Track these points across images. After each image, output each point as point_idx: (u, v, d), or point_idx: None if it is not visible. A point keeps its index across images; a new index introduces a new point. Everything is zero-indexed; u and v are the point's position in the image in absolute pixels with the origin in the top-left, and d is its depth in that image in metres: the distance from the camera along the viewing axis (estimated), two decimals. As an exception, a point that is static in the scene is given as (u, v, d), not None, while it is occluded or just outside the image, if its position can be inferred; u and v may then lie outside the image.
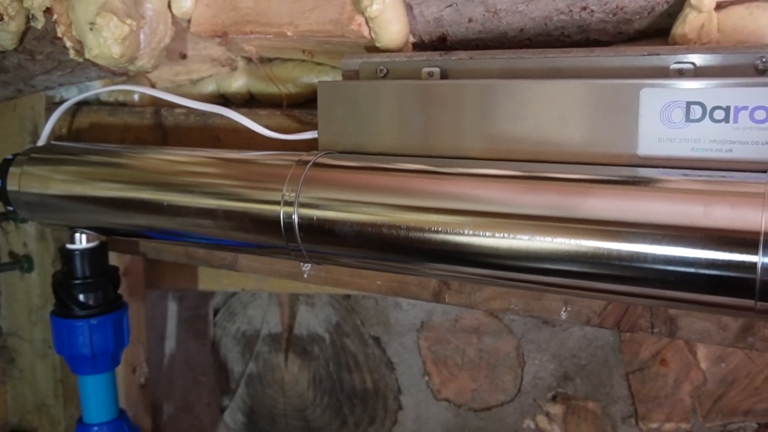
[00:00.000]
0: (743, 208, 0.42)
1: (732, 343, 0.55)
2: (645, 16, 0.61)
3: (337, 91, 0.62)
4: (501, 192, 0.49)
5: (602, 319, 0.59)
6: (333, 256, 0.57)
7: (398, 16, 0.66)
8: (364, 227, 0.53)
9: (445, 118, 0.58)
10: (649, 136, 0.50)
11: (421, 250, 0.51)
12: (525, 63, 0.58)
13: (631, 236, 0.44)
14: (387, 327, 0.97)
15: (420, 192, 0.52)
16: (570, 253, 0.46)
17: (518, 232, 0.47)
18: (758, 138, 0.47)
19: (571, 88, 0.53)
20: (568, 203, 0.46)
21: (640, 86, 0.50)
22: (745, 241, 0.41)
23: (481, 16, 0.66)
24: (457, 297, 0.65)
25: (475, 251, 0.49)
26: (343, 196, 0.55)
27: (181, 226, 0.63)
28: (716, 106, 0.48)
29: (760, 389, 0.71)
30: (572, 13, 0.62)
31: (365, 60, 0.65)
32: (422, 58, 0.62)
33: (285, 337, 1.08)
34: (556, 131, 0.53)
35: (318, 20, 0.70)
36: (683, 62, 0.52)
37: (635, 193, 0.45)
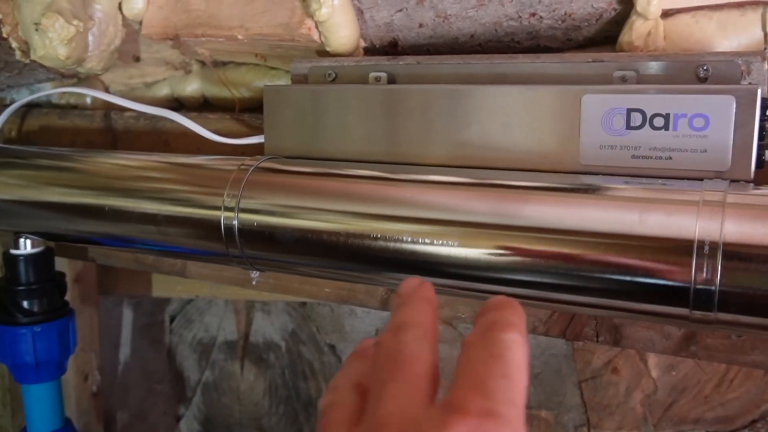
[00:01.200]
0: (678, 216, 0.41)
1: (675, 352, 0.54)
2: (593, 23, 0.61)
3: (283, 95, 0.62)
4: (440, 199, 0.48)
5: (548, 327, 0.58)
6: (275, 263, 0.56)
7: (348, 20, 0.65)
8: (305, 233, 0.52)
9: (391, 123, 0.57)
10: (590, 142, 0.49)
11: (361, 257, 0.50)
12: (472, 68, 0.57)
13: (567, 244, 0.44)
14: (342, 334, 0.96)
15: (360, 198, 0.51)
16: (509, 260, 0.45)
17: (457, 239, 0.47)
18: (697, 146, 0.46)
19: (514, 93, 0.52)
20: (506, 210, 0.46)
21: (582, 92, 0.50)
22: (679, 248, 0.41)
23: (431, 21, 0.65)
24: (405, 305, 0.64)
25: (414, 259, 0.48)
26: (285, 202, 0.54)
27: (123, 232, 0.62)
28: (656, 113, 0.47)
29: (710, 397, 0.71)
30: (521, 20, 0.62)
31: (314, 64, 0.64)
32: (370, 63, 0.61)
33: (241, 344, 1.07)
34: (500, 137, 0.53)
35: (268, 24, 0.69)
36: (626, 69, 0.51)
37: (573, 200, 0.45)
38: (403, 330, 0.31)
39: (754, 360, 0.52)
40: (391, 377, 0.29)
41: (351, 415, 0.31)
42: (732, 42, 0.57)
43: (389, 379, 0.29)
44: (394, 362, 0.30)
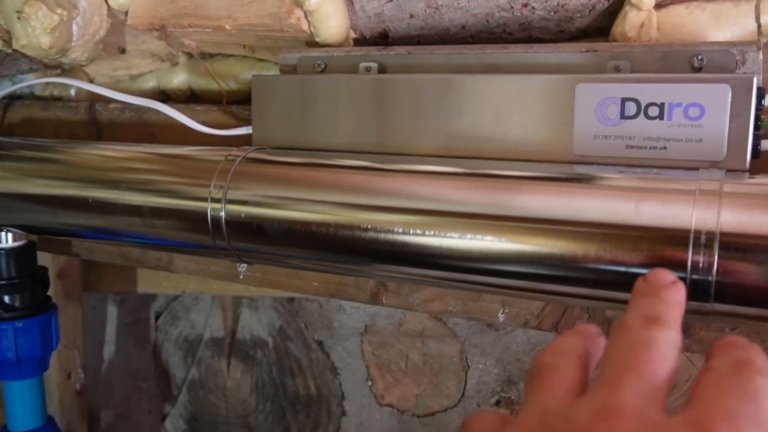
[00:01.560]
0: (674, 205, 0.41)
1: (668, 346, 0.54)
2: (586, 14, 0.60)
3: (271, 85, 0.60)
4: (431, 189, 0.47)
5: (540, 320, 0.58)
6: (262, 255, 0.55)
7: (338, 10, 0.65)
8: (294, 225, 0.51)
9: (382, 113, 0.56)
10: (584, 132, 0.49)
11: (351, 248, 0.49)
12: (463, 58, 0.57)
13: (561, 234, 0.43)
14: (331, 331, 0.95)
15: (349, 189, 0.50)
16: (501, 251, 0.45)
17: (449, 229, 0.46)
18: (692, 135, 0.46)
19: (506, 83, 0.52)
20: (498, 201, 0.45)
21: (576, 82, 0.49)
22: (676, 239, 0.40)
23: (422, 11, 0.64)
24: (394, 299, 0.63)
25: (405, 250, 0.47)
26: (273, 193, 0.53)
27: (107, 224, 0.61)
28: (651, 102, 0.47)
29: (701, 393, 0.71)
30: (513, 10, 0.61)
31: (303, 55, 0.63)
32: (360, 53, 0.60)
33: (228, 341, 1.05)
34: (492, 127, 0.52)
35: (256, 14, 0.68)
36: (620, 59, 0.51)
37: (566, 190, 0.44)
38: (656, 325, 0.30)
39: (747, 353, 0.51)
40: (636, 368, 0.28)
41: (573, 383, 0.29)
42: (725, 33, 0.57)
43: (632, 368, 0.28)
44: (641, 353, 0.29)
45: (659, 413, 0.27)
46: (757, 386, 0.27)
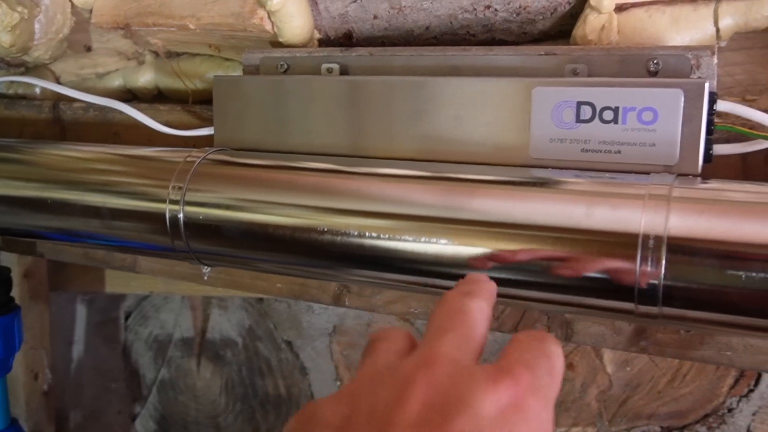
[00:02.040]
0: (624, 209, 0.41)
1: (625, 347, 0.54)
2: (548, 16, 0.60)
3: (233, 86, 0.60)
4: (387, 192, 0.47)
5: (500, 323, 0.58)
6: (222, 258, 0.55)
7: (301, 10, 0.64)
8: (252, 227, 0.51)
9: (343, 115, 0.56)
10: (540, 135, 0.49)
11: (308, 251, 0.49)
12: (425, 60, 0.57)
13: (514, 238, 0.43)
14: (300, 331, 0.95)
15: (306, 191, 0.50)
16: (456, 255, 0.45)
17: (404, 233, 0.46)
18: (646, 139, 0.46)
19: (465, 86, 0.52)
20: (454, 204, 0.45)
21: (533, 85, 0.49)
22: (625, 242, 0.40)
23: (386, 12, 0.64)
24: (357, 300, 0.63)
25: (361, 252, 0.47)
26: (231, 195, 0.52)
27: (67, 225, 0.60)
28: (606, 106, 0.47)
29: (663, 393, 0.72)
30: (476, 12, 0.61)
31: (266, 55, 0.63)
32: (323, 54, 0.60)
33: (197, 341, 1.05)
34: (451, 130, 0.52)
35: (220, 13, 0.67)
36: (578, 62, 0.51)
37: (520, 194, 0.44)
38: (471, 297, 0.35)
39: (702, 355, 0.52)
40: (452, 328, 0.33)
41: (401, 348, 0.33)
42: (684, 37, 0.57)
43: (449, 328, 0.33)
44: (457, 317, 0.34)
45: (472, 362, 0.32)
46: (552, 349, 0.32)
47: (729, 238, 0.38)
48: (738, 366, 0.51)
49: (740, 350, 0.51)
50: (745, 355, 0.51)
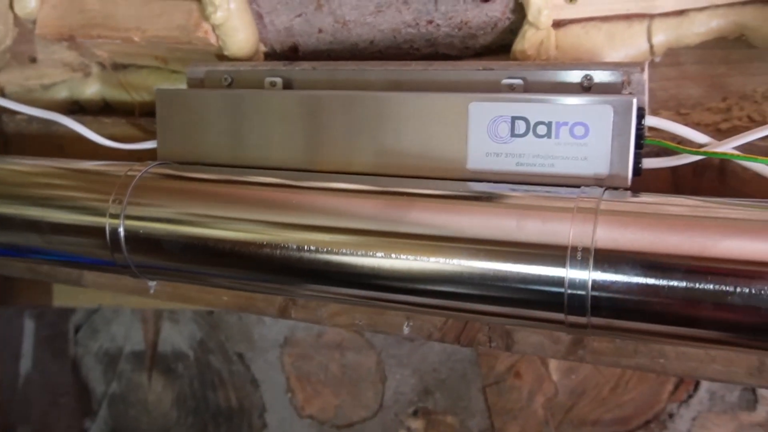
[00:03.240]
0: (553, 222, 0.42)
1: (564, 357, 0.55)
2: (489, 31, 0.61)
3: (176, 99, 0.60)
4: (326, 205, 0.48)
5: (443, 333, 0.58)
6: (162, 272, 0.55)
7: (245, 24, 0.65)
8: (191, 241, 0.51)
9: (285, 129, 0.56)
10: (477, 150, 0.50)
11: (248, 265, 0.49)
12: (367, 75, 0.57)
13: (448, 251, 0.44)
14: (251, 343, 0.94)
15: (246, 205, 0.50)
16: (390, 268, 0.45)
17: (341, 246, 0.46)
18: (577, 153, 0.47)
19: (405, 100, 0.52)
20: (389, 218, 0.46)
21: (469, 100, 0.50)
22: (554, 255, 0.41)
23: (330, 26, 0.65)
24: (303, 312, 0.63)
25: (300, 266, 0.48)
26: (172, 209, 0.52)
27: (7, 240, 0.59)
28: (539, 121, 0.48)
29: (607, 400, 0.73)
30: (419, 27, 0.62)
31: (210, 68, 0.63)
32: (266, 68, 0.61)
33: (149, 354, 1.04)
34: (392, 144, 0.53)
35: (165, 26, 0.67)
36: (514, 77, 0.52)
37: (454, 207, 0.45)
38: None
39: (637, 363, 0.53)
40: None
41: None
42: (620, 53, 0.59)
43: None
44: None
45: None
46: None
47: (653, 249, 0.39)
48: (671, 373, 0.52)
49: (673, 357, 0.52)
50: (678, 362, 0.52)
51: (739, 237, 0.38)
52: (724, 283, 0.38)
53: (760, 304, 0.37)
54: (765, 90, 0.58)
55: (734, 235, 0.38)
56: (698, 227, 0.39)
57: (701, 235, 0.39)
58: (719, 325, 0.39)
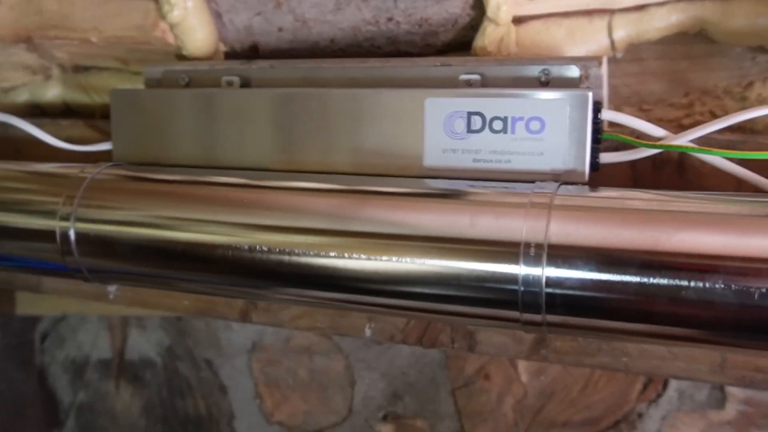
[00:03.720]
0: (507, 219, 0.41)
1: (527, 356, 0.54)
2: (449, 28, 0.61)
3: (131, 100, 0.59)
4: (280, 204, 0.47)
5: (405, 335, 0.57)
6: (115, 275, 0.53)
7: (203, 23, 0.63)
8: (143, 243, 0.50)
9: (243, 128, 0.55)
10: (433, 146, 0.49)
11: (199, 266, 0.48)
12: (325, 72, 0.56)
13: (401, 249, 0.43)
14: (219, 349, 0.93)
15: (198, 205, 0.49)
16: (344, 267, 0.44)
17: (293, 246, 0.45)
18: (534, 149, 0.47)
19: (362, 97, 0.51)
20: (342, 217, 0.45)
21: (424, 96, 0.49)
22: (507, 252, 0.40)
23: (290, 25, 0.64)
24: (264, 316, 0.62)
25: (252, 267, 0.46)
26: (124, 210, 0.51)
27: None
28: (495, 116, 0.47)
29: (576, 400, 0.72)
30: (379, 24, 0.61)
31: (167, 68, 0.62)
32: (224, 67, 0.60)
33: (116, 362, 1.02)
34: (349, 141, 0.52)
35: (123, 26, 0.66)
36: (472, 73, 0.51)
37: (409, 205, 0.44)
38: None
39: (600, 361, 0.52)
40: None
41: None
42: (581, 48, 0.58)
43: None
44: None
45: None
46: None
47: (606, 244, 0.39)
48: (634, 371, 0.52)
49: (636, 355, 0.52)
50: (641, 360, 0.51)
51: (693, 230, 0.38)
52: (678, 277, 0.37)
53: (713, 298, 0.37)
54: (726, 85, 0.58)
55: (688, 229, 0.38)
56: (652, 221, 0.39)
57: (655, 229, 0.38)
58: (674, 321, 0.38)
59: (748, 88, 0.57)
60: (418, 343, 0.57)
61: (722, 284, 0.36)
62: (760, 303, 0.36)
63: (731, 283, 0.36)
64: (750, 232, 0.37)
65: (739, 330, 0.37)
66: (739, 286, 0.36)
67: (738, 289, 0.36)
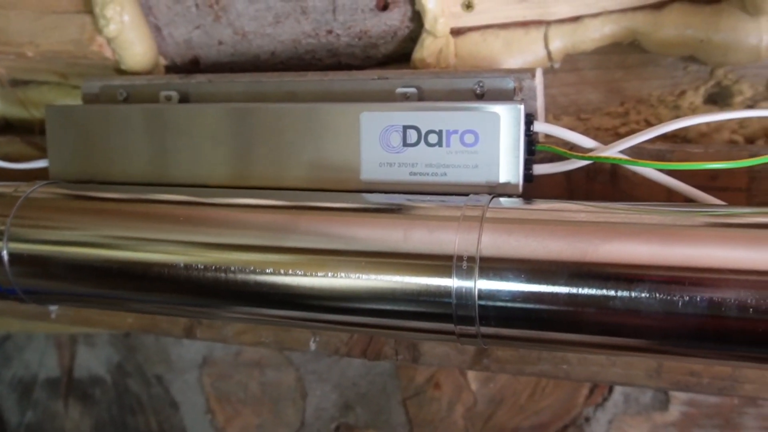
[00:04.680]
0: (440, 232, 0.41)
1: (470, 367, 0.55)
2: (389, 40, 0.61)
3: (66, 116, 0.58)
4: (213, 221, 0.46)
5: (350, 348, 0.57)
6: (51, 296, 0.52)
7: (141, 37, 0.63)
8: (78, 263, 0.49)
9: (180, 144, 0.55)
10: (370, 160, 0.49)
11: (133, 285, 0.48)
12: (263, 87, 0.56)
13: (336, 264, 0.43)
14: (169, 365, 0.92)
15: (131, 223, 0.48)
16: (281, 283, 0.44)
17: (228, 264, 0.45)
18: (468, 161, 0.47)
19: (299, 112, 0.51)
20: (277, 232, 0.44)
21: (360, 110, 0.49)
22: (440, 265, 0.41)
23: (230, 38, 0.63)
24: (208, 332, 0.61)
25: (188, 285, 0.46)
26: (58, 230, 0.50)
27: None
28: (430, 130, 0.48)
29: (525, 407, 0.73)
30: (319, 37, 0.61)
31: (105, 83, 0.61)
32: (162, 82, 0.59)
33: (64, 381, 1.00)
34: (287, 156, 0.52)
35: (59, 40, 0.65)
36: (409, 86, 0.52)
37: (343, 220, 0.44)
38: None
39: (541, 369, 0.53)
40: None
41: None
42: (518, 59, 0.59)
43: None
44: None
45: None
46: None
47: (535, 256, 0.39)
48: (574, 378, 0.52)
49: (575, 363, 0.52)
50: (580, 368, 0.52)
51: (619, 241, 0.38)
52: (605, 287, 0.38)
53: (640, 307, 0.37)
54: (660, 94, 0.59)
55: (614, 240, 0.38)
56: (580, 233, 0.39)
57: (582, 241, 0.39)
58: (604, 330, 0.39)
59: (681, 96, 0.58)
60: (363, 355, 0.57)
61: (647, 293, 0.37)
62: (683, 311, 0.37)
63: (656, 292, 0.37)
64: (673, 242, 0.38)
65: (666, 338, 0.38)
66: (663, 294, 0.37)
67: (663, 298, 0.37)
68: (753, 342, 0.36)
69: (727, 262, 0.36)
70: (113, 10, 0.61)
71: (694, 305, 0.36)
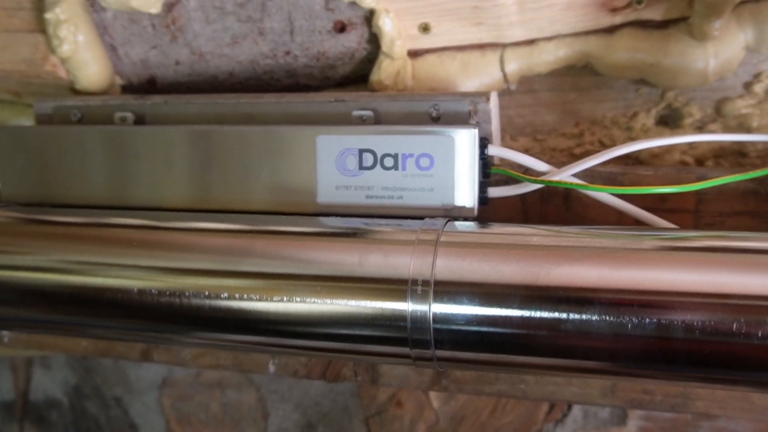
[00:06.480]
0: (395, 256, 0.42)
1: (429, 387, 0.55)
2: (347, 61, 0.61)
3: (16, 137, 0.57)
4: (165, 245, 0.46)
5: (309, 370, 0.57)
6: (1, 322, 0.51)
7: (96, 56, 0.62)
8: (29, 288, 0.48)
9: (134, 166, 0.54)
10: (327, 183, 0.49)
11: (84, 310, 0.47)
12: (219, 108, 0.56)
13: (291, 289, 0.43)
14: (128, 386, 0.90)
15: (84, 247, 0.48)
16: (234, 308, 0.44)
17: (181, 288, 0.44)
18: (424, 185, 0.47)
19: (255, 134, 0.51)
20: (231, 256, 0.44)
21: (316, 133, 0.49)
22: (395, 289, 0.41)
23: (187, 58, 0.63)
24: (165, 355, 0.61)
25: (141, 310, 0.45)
26: (7, 254, 0.49)
27: None
28: (386, 153, 0.48)
29: (487, 424, 0.73)
30: (277, 58, 0.61)
31: (58, 103, 0.60)
32: (117, 102, 0.58)
33: (20, 404, 0.98)
34: (242, 179, 0.52)
35: (11, 59, 0.64)
36: (365, 109, 0.52)
37: (298, 244, 0.44)
38: None
39: (498, 389, 0.53)
40: None
41: None
42: (474, 82, 0.59)
43: None
44: None
45: None
46: None
47: (489, 280, 0.40)
48: (531, 398, 0.53)
49: (532, 383, 0.53)
50: (537, 387, 0.53)
51: (570, 265, 0.39)
52: (557, 310, 0.38)
53: (590, 329, 0.38)
54: (613, 115, 0.60)
55: (565, 264, 0.39)
56: (532, 257, 0.40)
57: (534, 265, 0.39)
58: (556, 352, 0.39)
59: (633, 118, 0.59)
60: (322, 377, 0.57)
61: (598, 316, 0.38)
62: (633, 333, 0.37)
63: (606, 314, 0.38)
64: (622, 266, 0.38)
65: (616, 359, 0.39)
66: (613, 317, 0.37)
67: (613, 321, 0.37)
68: (699, 363, 0.37)
69: (675, 285, 0.37)
70: (67, 30, 0.60)
71: (643, 327, 0.37)
